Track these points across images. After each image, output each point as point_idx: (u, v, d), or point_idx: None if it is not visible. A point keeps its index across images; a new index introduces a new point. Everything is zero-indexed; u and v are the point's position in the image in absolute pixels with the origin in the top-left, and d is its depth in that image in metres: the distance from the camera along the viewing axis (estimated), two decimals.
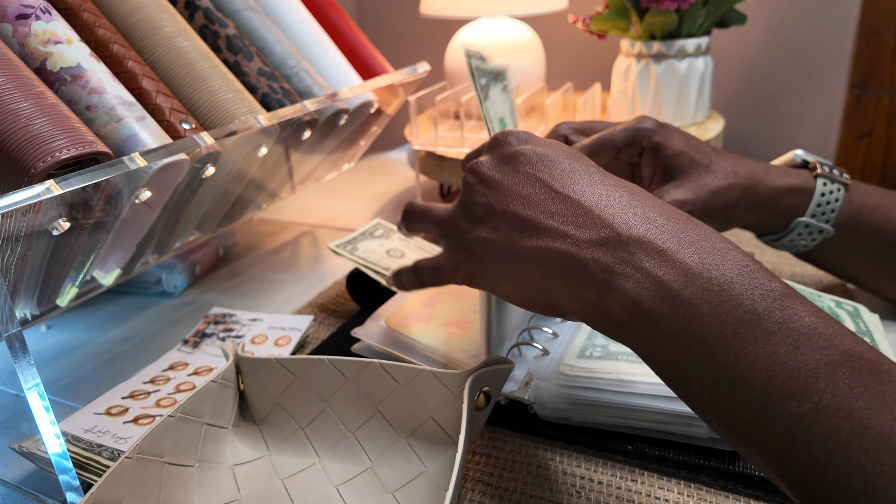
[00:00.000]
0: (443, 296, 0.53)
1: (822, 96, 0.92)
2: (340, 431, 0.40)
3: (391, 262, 0.57)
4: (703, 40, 0.72)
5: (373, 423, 0.40)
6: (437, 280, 0.38)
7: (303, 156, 0.66)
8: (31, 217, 0.37)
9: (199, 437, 0.38)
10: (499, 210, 0.33)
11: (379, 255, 0.57)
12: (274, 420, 0.42)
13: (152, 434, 0.35)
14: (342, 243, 0.58)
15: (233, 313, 0.58)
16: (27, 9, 0.42)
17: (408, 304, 0.52)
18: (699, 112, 0.75)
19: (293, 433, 0.41)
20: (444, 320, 0.50)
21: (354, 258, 0.56)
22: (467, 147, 0.70)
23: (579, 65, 1.06)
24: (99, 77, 0.43)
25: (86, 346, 0.57)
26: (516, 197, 0.33)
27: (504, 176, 0.34)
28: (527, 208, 0.32)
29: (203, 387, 0.39)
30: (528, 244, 0.32)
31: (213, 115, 0.49)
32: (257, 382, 0.42)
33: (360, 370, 0.39)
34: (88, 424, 0.43)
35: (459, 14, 0.81)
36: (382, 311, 0.51)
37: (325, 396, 0.41)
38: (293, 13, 0.62)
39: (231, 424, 0.41)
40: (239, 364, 0.42)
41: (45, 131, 0.37)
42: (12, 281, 0.40)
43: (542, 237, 0.31)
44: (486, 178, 0.35)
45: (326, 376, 0.40)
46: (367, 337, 0.49)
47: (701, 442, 0.39)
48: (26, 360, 0.36)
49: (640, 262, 0.29)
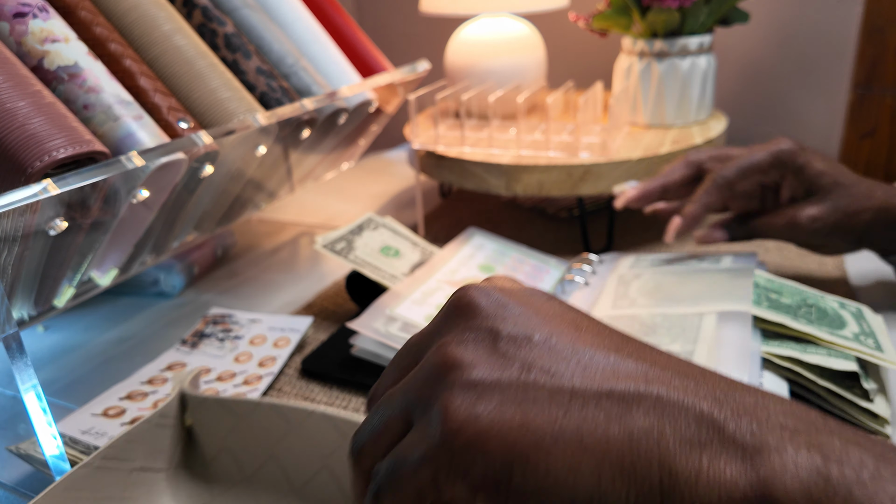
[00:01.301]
0: (442, 290, 0.52)
1: (826, 95, 0.92)
2: (286, 486, 0.35)
3: (387, 261, 0.57)
4: (706, 38, 0.71)
5: (320, 479, 0.34)
6: None
7: (302, 155, 0.66)
8: (28, 217, 0.37)
9: (124, 483, 0.34)
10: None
11: (373, 253, 0.57)
12: (220, 464, 0.37)
13: (59, 486, 0.30)
14: (333, 241, 0.57)
15: (232, 313, 0.57)
16: (24, 7, 0.41)
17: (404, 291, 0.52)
18: (702, 111, 0.74)
19: (239, 481, 0.37)
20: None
21: (348, 260, 0.55)
22: (467, 146, 0.70)
23: (581, 63, 1.05)
24: (96, 75, 0.42)
25: (83, 346, 0.57)
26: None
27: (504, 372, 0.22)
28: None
29: (134, 427, 0.35)
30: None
31: (212, 114, 0.48)
32: (202, 421, 0.38)
33: (305, 418, 0.35)
34: (85, 426, 0.43)
35: (460, 12, 0.81)
36: (380, 303, 0.51)
37: (270, 444, 0.36)
38: (292, 11, 0.61)
39: (171, 466, 0.37)
40: (185, 399, 0.38)
41: (42, 130, 0.37)
42: (9, 281, 0.40)
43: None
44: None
45: (269, 421, 0.36)
46: (364, 329, 0.48)
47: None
48: (23, 360, 0.36)
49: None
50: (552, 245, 0.70)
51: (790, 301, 0.46)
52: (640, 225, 0.75)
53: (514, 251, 0.62)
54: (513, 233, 0.74)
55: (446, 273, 0.56)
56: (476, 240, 0.62)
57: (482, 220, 0.79)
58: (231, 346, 0.53)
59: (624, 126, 0.73)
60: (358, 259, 0.55)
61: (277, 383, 0.49)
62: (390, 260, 0.57)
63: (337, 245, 0.56)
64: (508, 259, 0.60)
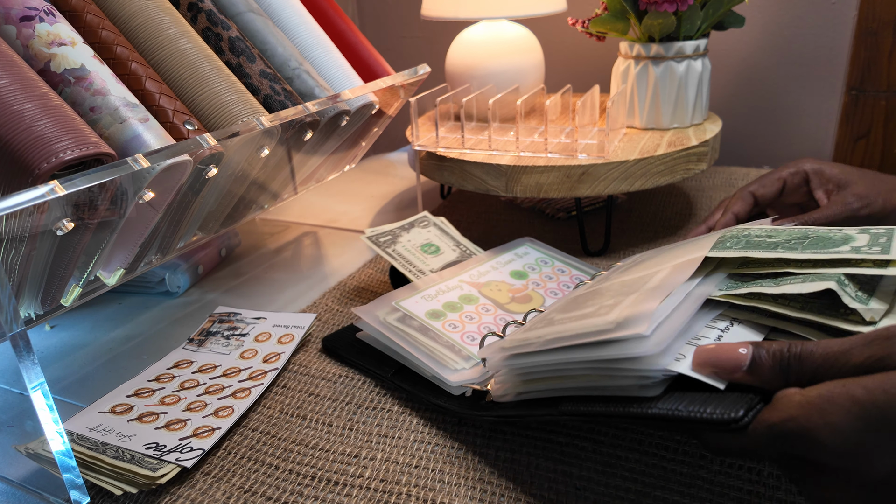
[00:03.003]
0: (449, 292, 0.53)
1: (820, 98, 0.93)
2: None
3: (423, 257, 0.58)
4: (702, 42, 0.72)
5: None
6: None
7: (304, 157, 0.67)
8: (36, 217, 0.37)
9: None
10: None
11: (413, 250, 0.59)
12: None
13: None
14: (379, 234, 0.59)
15: (238, 312, 0.58)
16: (31, 11, 0.42)
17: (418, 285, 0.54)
18: (697, 113, 0.75)
19: None
20: (449, 312, 0.50)
21: (385, 252, 0.57)
22: (467, 148, 0.71)
23: (578, 67, 1.06)
24: (103, 79, 0.43)
25: (89, 345, 0.58)
26: None
27: None
28: None
29: None
30: None
31: (216, 117, 0.49)
32: None
33: None
34: (93, 423, 0.44)
35: (460, 16, 0.82)
36: (391, 294, 0.52)
37: None
38: (295, 16, 0.62)
39: None
40: None
41: (50, 132, 0.37)
42: (17, 280, 0.40)
43: None
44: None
45: None
46: (365, 315, 0.50)
47: (629, 392, 0.34)
48: (30, 359, 0.36)
49: None
50: (551, 245, 0.70)
51: (779, 239, 0.39)
52: (637, 225, 0.76)
53: (560, 261, 0.61)
54: (512, 233, 0.74)
55: (473, 275, 0.56)
56: (523, 248, 0.63)
57: (482, 221, 0.80)
58: (237, 343, 0.53)
59: (621, 128, 0.74)
60: (395, 252, 0.57)
61: (282, 379, 0.50)
62: (427, 256, 0.58)
63: (381, 238, 0.59)
64: (549, 268, 0.60)
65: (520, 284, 0.56)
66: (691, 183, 0.88)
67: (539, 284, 0.57)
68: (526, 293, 0.55)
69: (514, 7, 0.81)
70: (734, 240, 0.41)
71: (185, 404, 0.46)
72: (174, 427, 0.44)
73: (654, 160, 0.65)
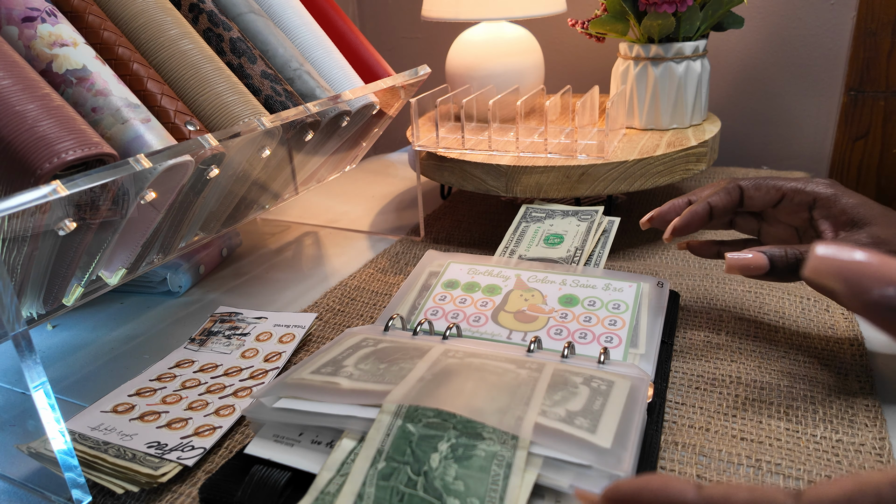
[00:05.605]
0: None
1: (819, 98, 0.93)
2: None
3: (545, 249, 0.58)
4: (701, 43, 0.72)
5: None
6: None
7: (305, 157, 0.67)
8: (38, 217, 0.37)
9: None
10: None
11: (536, 240, 0.59)
12: None
13: None
14: (540, 208, 0.63)
15: (239, 312, 0.58)
16: (33, 11, 0.42)
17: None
18: (696, 114, 0.76)
19: None
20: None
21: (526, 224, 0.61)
22: (468, 148, 0.71)
23: (578, 67, 1.06)
24: (104, 79, 0.43)
25: (91, 344, 0.58)
26: None
27: None
28: None
29: None
30: None
31: (218, 117, 0.49)
32: None
33: None
34: (95, 422, 0.44)
35: (460, 17, 0.82)
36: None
37: None
38: (296, 17, 0.62)
39: None
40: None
41: (52, 133, 0.38)
42: (19, 280, 0.41)
43: None
44: None
45: None
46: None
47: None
48: (32, 358, 0.36)
49: None
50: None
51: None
52: (635, 225, 0.76)
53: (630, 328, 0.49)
54: None
55: (537, 277, 0.54)
56: (633, 288, 0.52)
57: (482, 221, 0.80)
58: (238, 342, 0.54)
59: (620, 129, 0.74)
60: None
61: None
62: (542, 248, 0.59)
63: (537, 212, 0.63)
64: (604, 312, 0.49)
65: (548, 307, 0.50)
66: (691, 183, 0.88)
67: (568, 317, 0.49)
68: (541, 317, 0.49)
69: (513, 8, 0.81)
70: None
71: (187, 403, 0.46)
72: (176, 426, 0.44)
73: (653, 160, 0.65)
